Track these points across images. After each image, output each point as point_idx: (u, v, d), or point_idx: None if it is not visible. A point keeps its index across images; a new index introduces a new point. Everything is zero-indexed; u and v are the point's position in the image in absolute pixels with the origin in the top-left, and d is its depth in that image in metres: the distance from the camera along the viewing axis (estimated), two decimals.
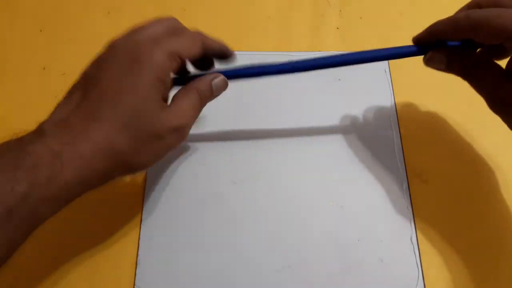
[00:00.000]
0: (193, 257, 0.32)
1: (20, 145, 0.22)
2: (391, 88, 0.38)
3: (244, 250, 0.33)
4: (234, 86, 0.38)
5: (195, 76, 0.30)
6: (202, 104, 0.28)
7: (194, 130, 0.36)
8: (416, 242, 0.33)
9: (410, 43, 0.41)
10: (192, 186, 0.35)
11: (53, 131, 0.23)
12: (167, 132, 0.25)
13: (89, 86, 0.25)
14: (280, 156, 0.36)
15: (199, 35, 0.28)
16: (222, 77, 0.29)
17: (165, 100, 0.27)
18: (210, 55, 0.29)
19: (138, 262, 0.32)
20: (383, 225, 0.33)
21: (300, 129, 0.37)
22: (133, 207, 0.34)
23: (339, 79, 0.39)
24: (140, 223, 0.34)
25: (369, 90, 0.38)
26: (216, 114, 0.37)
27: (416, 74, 0.39)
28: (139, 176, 0.35)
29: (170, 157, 0.36)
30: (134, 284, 0.32)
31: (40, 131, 0.23)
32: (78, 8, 0.42)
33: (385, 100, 0.38)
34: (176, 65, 0.26)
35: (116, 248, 0.33)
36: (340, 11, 0.42)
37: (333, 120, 0.37)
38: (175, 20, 0.28)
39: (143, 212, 0.34)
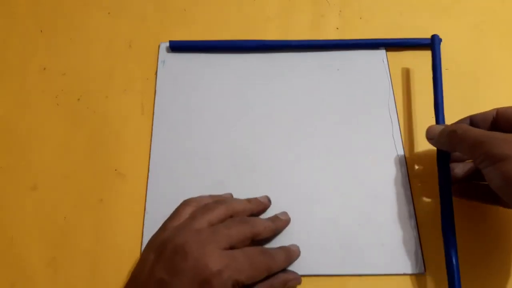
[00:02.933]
0: None
1: None
2: (389, 77, 0.39)
3: None
4: (236, 76, 0.39)
5: None
6: None
7: (196, 119, 0.37)
8: (415, 226, 0.33)
9: None
10: (194, 176, 0.35)
11: None
12: None
13: None
14: (281, 145, 0.36)
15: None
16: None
17: None
18: None
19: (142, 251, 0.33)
20: (383, 210, 0.34)
21: (301, 119, 0.37)
22: (136, 196, 0.34)
23: (338, 69, 0.39)
24: (144, 211, 0.34)
25: (367, 79, 0.39)
26: (218, 104, 0.38)
27: (414, 62, 0.40)
28: (141, 165, 0.36)
29: (172, 147, 0.36)
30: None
31: None
32: (78, 8, 0.42)
33: (383, 87, 0.39)
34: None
35: (119, 240, 0.33)
36: (340, 11, 0.42)
37: (333, 109, 0.38)
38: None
39: (147, 200, 0.34)
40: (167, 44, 0.40)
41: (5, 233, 0.33)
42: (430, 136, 0.33)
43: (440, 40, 0.38)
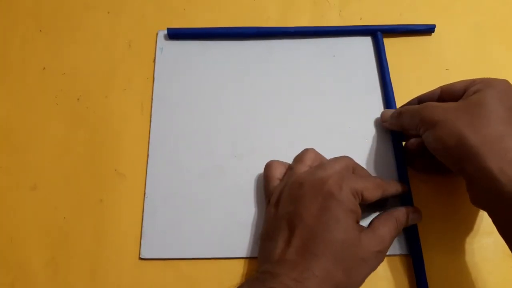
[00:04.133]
0: (195, 226, 0.33)
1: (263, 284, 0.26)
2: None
3: (245, 219, 0.34)
4: (234, 63, 0.40)
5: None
6: (398, 232, 0.30)
7: (195, 105, 0.38)
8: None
9: None
10: (194, 160, 0.36)
11: (282, 271, 0.26)
12: (371, 255, 0.28)
13: (294, 223, 0.28)
14: (279, 128, 0.37)
15: (381, 184, 0.30)
16: (418, 212, 0.32)
17: (359, 221, 0.29)
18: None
19: (142, 232, 0.33)
20: None
21: (298, 102, 0.38)
22: (136, 196, 0.35)
23: (334, 55, 0.40)
24: (144, 196, 0.34)
25: (363, 64, 0.40)
26: (216, 91, 0.39)
27: (410, 48, 0.41)
28: (141, 165, 0.36)
29: (171, 131, 0.37)
30: (139, 254, 0.33)
31: (272, 274, 0.26)
32: (78, 8, 0.42)
33: (372, 71, 0.40)
34: (359, 200, 0.29)
35: (119, 240, 0.33)
36: (340, 11, 0.42)
37: (329, 93, 0.39)
38: (352, 160, 0.32)
39: (147, 185, 0.35)
40: (165, 32, 0.41)
41: (5, 233, 0.34)
42: (384, 119, 0.36)
43: (378, 32, 0.40)
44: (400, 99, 0.37)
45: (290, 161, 0.35)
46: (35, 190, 0.35)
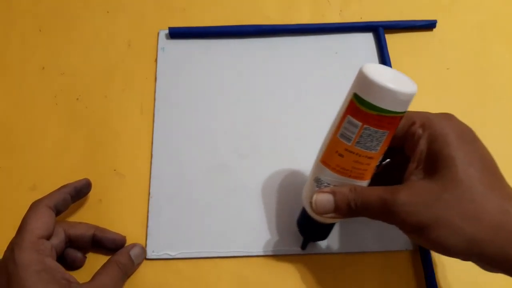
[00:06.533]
0: (201, 225, 0.34)
1: None
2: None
3: (250, 217, 0.34)
4: (236, 61, 0.40)
5: None
6: (125, 275, 0.30)
7: (197, 104, 0.38)
8: None
9: None
10: (199, 160, 0.36)
11: None
12: None
13: None
14: (282, 128, 0.37)
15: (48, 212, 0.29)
16: (139, 246, 0.32)
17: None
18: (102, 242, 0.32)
19: (148, 233, 0.33)
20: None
21: (301, 100, 0.38)
22: (136, 196, 0.35)
23: (336, 52, 0.40)
24: (148, 196, 0.34)
25: (362, 60, 0.38)
26: (219, 89, 0.39)
27: (412, 43, 0.41)
28: (141, 165, 0.36)
29: (176, 132, 0.37)
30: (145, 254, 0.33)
31: None
32: (77, 7, 0.42)
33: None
34: (63, 246, 0.29)
35: (121, 223, 0.34)
36: (341, 11, 0.42)
37: (331, 90, 0.38)
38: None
39: (151, 185, 0.35)
40: (166, 31, 0.40)
41: (5, 234, 0.33)
42: (321, 211, 0.27)
43: (379, 28, 0.40)
44: None
45: (292, 159, 0.35)
46: (34, 190, 0.35)
